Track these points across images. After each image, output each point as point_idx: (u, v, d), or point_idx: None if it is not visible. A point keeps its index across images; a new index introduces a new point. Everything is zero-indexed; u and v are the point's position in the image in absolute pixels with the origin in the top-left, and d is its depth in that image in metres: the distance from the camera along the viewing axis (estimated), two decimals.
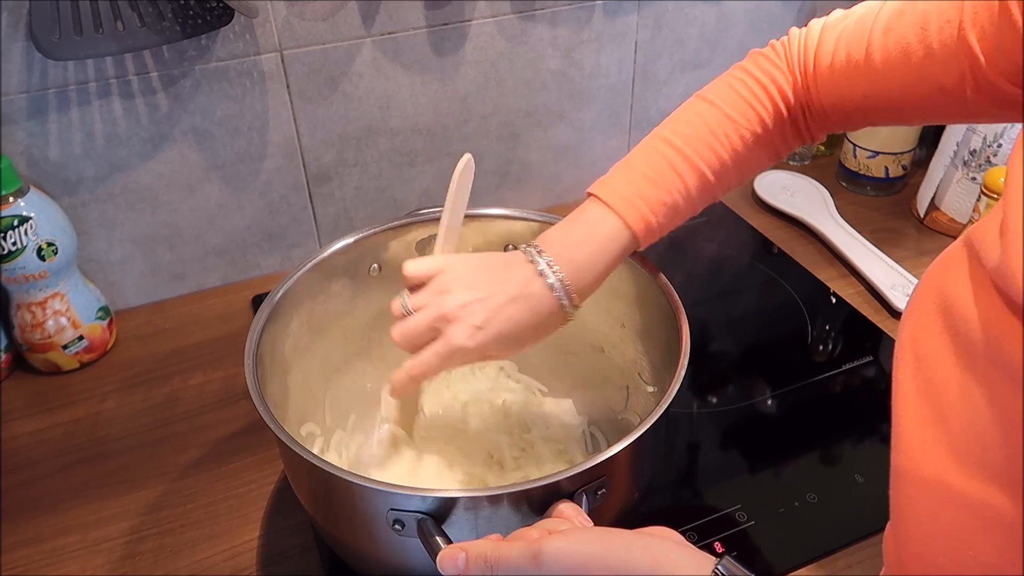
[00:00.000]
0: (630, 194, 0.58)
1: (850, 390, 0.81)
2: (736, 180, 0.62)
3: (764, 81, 0.60)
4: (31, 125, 0.80)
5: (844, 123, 0.61)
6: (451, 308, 0.56)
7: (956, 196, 1.01)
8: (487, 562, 0.41)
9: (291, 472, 0.59)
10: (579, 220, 0.59)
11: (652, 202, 0.58)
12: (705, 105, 0.61)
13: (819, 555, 0.64)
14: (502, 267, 0.58)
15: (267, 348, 0.60)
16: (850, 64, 0.57)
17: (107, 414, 0.80)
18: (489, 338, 0.56)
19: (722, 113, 0.60)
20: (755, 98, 0.60)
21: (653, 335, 0.67)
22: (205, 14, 0.77)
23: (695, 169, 0.59)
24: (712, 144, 0.59)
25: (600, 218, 0.58)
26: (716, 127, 0.59)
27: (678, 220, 0.60)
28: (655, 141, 0.61)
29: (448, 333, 0.56)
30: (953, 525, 0.38)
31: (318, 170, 0.94)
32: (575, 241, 0.58)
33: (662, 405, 0.52)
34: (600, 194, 0.59)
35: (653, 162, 0.59)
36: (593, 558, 0.39)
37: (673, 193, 0.59)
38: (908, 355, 0.43)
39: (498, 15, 0.92)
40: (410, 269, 0.59)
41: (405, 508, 0.48)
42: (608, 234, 0.58)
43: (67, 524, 0.69)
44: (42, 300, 0.81)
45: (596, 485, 0.49)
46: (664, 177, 0.59)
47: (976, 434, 0.37)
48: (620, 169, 0.60)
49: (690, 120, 0.60)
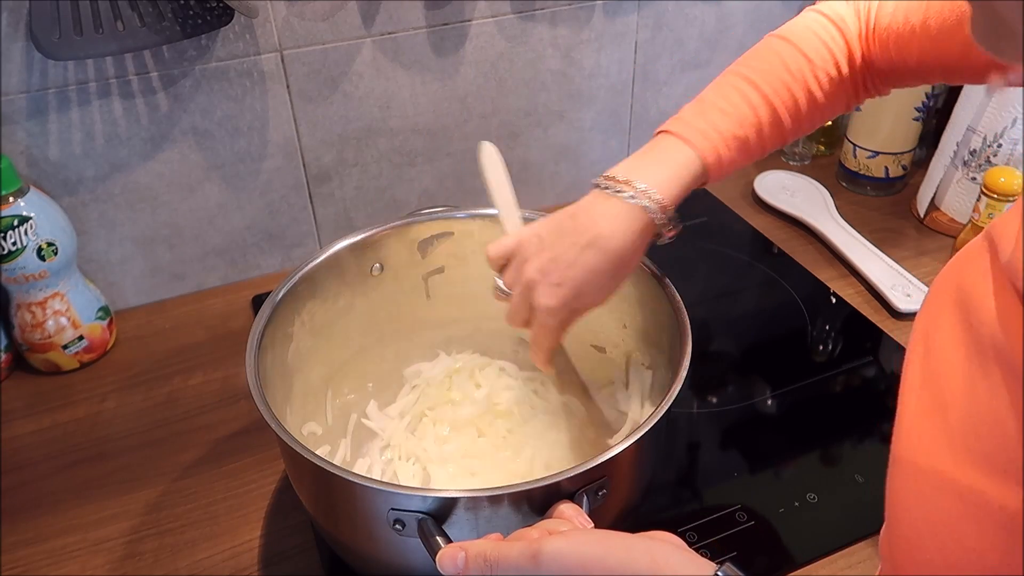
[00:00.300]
0: (703, 126, 0.58)
1: (850, 390, 0.81)
2: (808, 125, 0.61)
3: (840, 24, 0.60)
4: (31, 125, 0.80)
5: (902, 80, 0.61)
6: (530, 276, 0.58)
7: (956, 196, 1.01)
8: (486, 561, 0.41)
9: (292, 472, 0.59)
10: (650, 152, 0.59)
11: (725, 135, 0.58)
12: (781, 43, 0.60)
13: (819, 555, 0.64)
14: (570, 217, 0.58)
15: (268, 348, 0.60)
16: (907, 28, 0.57)
17: (107, 414, 0.80)
18: (570, 291, 0.57)
19: (800, 53, 0.59)
20: (832, 39, 0.60)
21: (655, 335, 0.67)
22: (205, 14, 0.77)
23: (770, 106, 0.58)
24: (788, 82, 0.59)
25: (671, 148, 0.58)
26: (792, 65, 0.59)
27: (747, 158, 0.60)
28: (729, 77, 0.60)
29: (535, 301, 0.58)
30: (942, 511, 0.38)
31: (318, 170, 0.94)
32: (648, 167, 0.57)
33: (664, 406, 0.52)
34: (672, 128, 0.59)
35: (727, 95, 0.59)
36: (592, 559, 0.39)
37: (747, 127, 0.58)
38: (919, 346, 0.44)
39: (498, 15, 0.92)
40: (492, 252, 0.61)
41: (406, 508, 0.48)
42: (679, 163, 0.57)
43: (67, 524, 0.69)
44: (42, 300, 0.81)
45: (597, 485, 0.49)
46: (739, 111, 0.58)
47: (973, 424, 0.37)
48: (693, 105, 0.60)
49: (766, 57, 0.60)
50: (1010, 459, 0.35)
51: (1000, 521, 0.35)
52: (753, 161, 0.61)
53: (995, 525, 0.36)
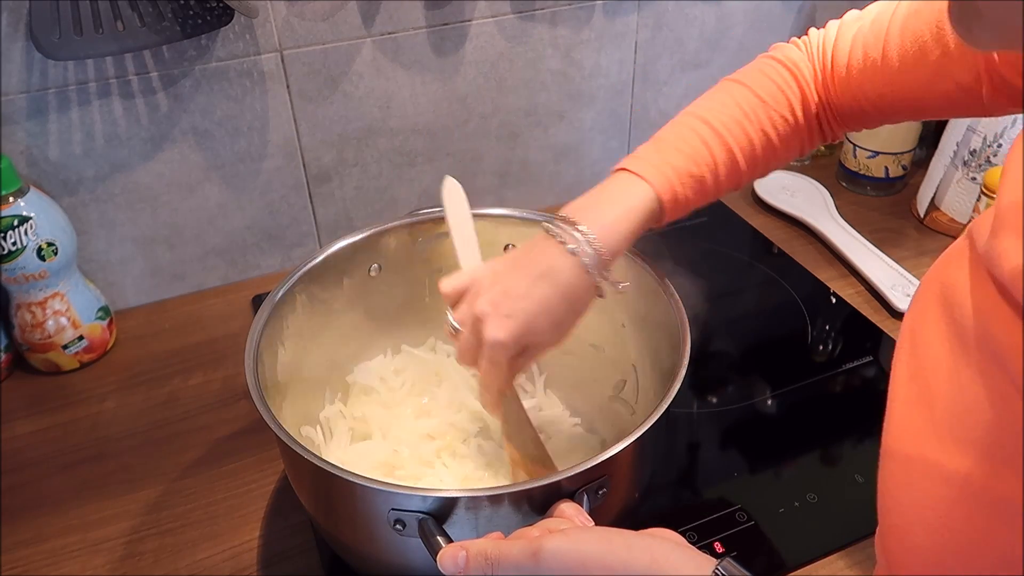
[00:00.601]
0: (659, 162, 0.58)
1: (850, 390, 0.81)
2: (763, 167, 0.62)
3: (792, 69, 0.60)
4: (31, 125, 0.80)
5: (863, 121, 0.62)
6: (481, 309, 0.55)
7: (956, 196, 1.01)
8: (487, 560, 0.41)
9: (292, 472, 0.59)
10: (605, 189, 0.58)
11: (680, 172, 0.57)
12: (736, 87, 0.60)
13: (819, 555, 0.64)
14: (524, 253, 0.58)
15: (267, 348, 0.60)
16: (867, 63, 0.57)
17: (107, 414, 0.80)
18: (520, 325, 0.55)
19: (754, 95, 0.59)
20: (785, 83, 0.60)
21: (653, 334, 0.67)
22: (205, 14, 0.77)
23: (725, 147, 0.58)
24: (743, 124, 0.59)
25: (626, 184, 0.58)
26: (748, 108, 0.59)
27: (702, 198, 0.59)
28: (685, 118, 0.60)
29: (484, 335, 0.55)
30: (929, 495, 0.39)
31: (318, 170, 0.94)
32: (599, 206, 0.57)
33: (663, 404, 0.52)
34: (628, 166, 0.58)
35: (683, 135, 0.59)
36: (593, 557, 0.39)
37: (702, 167, 0.58)
38: (906, 343, 0.45)
39: (498, 15, 0.92)
40: (445, 288, 0.59)
41: (406, 508, 0.48)
42: (634, 198, 0.57)
43: (67, 524, 0.69)
44: (42, 300, 0.81)
45: (597, 484, 0.49)
46: (695, 150, 0.58)
47: (957, 412, 0.38)
48: (649, 144, 0.60)
49: (722, 100, 0.60)
50: (992, 442, 0.36)
51: (984, 502, 0.36)
52: (708, 202, 0.60)
53: (980, 506, 0.37)
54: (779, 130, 0.60)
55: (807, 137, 0.62)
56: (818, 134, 0.63)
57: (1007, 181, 0.38)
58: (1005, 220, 0.36)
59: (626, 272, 0.66)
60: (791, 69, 0.60)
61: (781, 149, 0.61)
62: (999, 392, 0.36)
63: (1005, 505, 0.36)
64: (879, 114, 0.60)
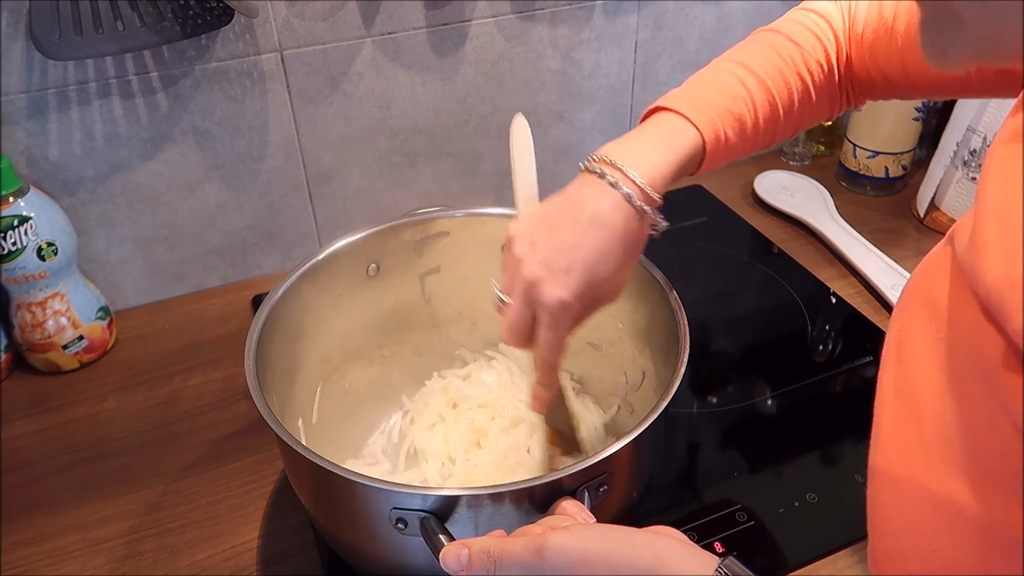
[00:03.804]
0: (698, 101, 0.54)
1: (850, 390, 0.81)
2: (795, 121, 0.59)
3: (826, 15, 0.59)
4: (31, 125, 0.80)
5: (872, 91, 0.61)
6: (532, 273, 0.50)
7: (956, 196, 1.01)
8: (490, 557, 0.41)
9: (292, 472, 0.59)
10: (642, 129, 0.55)
11: (720, 110, 0.55)
12: (771, 35, 0.59)
13: (819, 555, 0.64)
14: (565, 201, 0.53)
15: (267, 347, 0.60)
16: (876, 36, 0.57)
17: (107, 414, 0.80)
18: (581, 278, 0.50)
19: (790, 40, 0.58)
20: (820, 31, 0.59)
21: (652, 333, 0.67)
22: (205, 14, 0.77)
23: (764, 88, 0.56)
24: (780, 68, 0.57)
25: (665, 121, 0.54)
26: (784, 53, 0.57)
27: (743, 147, 0.56)
28: (720, 63, 0.58)
29: (541, 298, 0.50)
30: (920, 521, 0.38)
31: (318, 170, 0.94)
32: (640, 145, 0.54)
33: (663, 402, 0.52)
34: (664, 103, 0.55)
35: (720, 78, 0.56)
36: (596, 554, 0.39)
37: (741, 106, 0.55)
38: (892, 355, 0.44)
39: (498, 15, 0.92)
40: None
41: (408, 507, 0.48)
42: (675, 134, 0.53)
43: (67, 524, 0.69)
44: (42, 300, 0.81)
45: (598, 482, 0.50)
46: (733, 91, 0.55)
47: (946, 434, 0.37)
48: (684, 86, 0.57)
49: (757, 47, 0.58)
50: (984, 469, 0.35)
51: (978, 529, 0.35)
52: (744, 154, 0.58)
53: (970, 533, 0.35)
54: (815, 77, 0.58)
55: (838, 92, 0.60)
56: (846, 94, 0.61)
57: (986, 188, 0.36)
58: (983, 231, 0.35)
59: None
60: (824, 17, 0.59)
61: (816, 100, 0.59)
62: (986, 413, 0.35)
63: (1000, 534, 0.34)
64: (887, 87, 0.59)
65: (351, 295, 0.71)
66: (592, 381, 0.76)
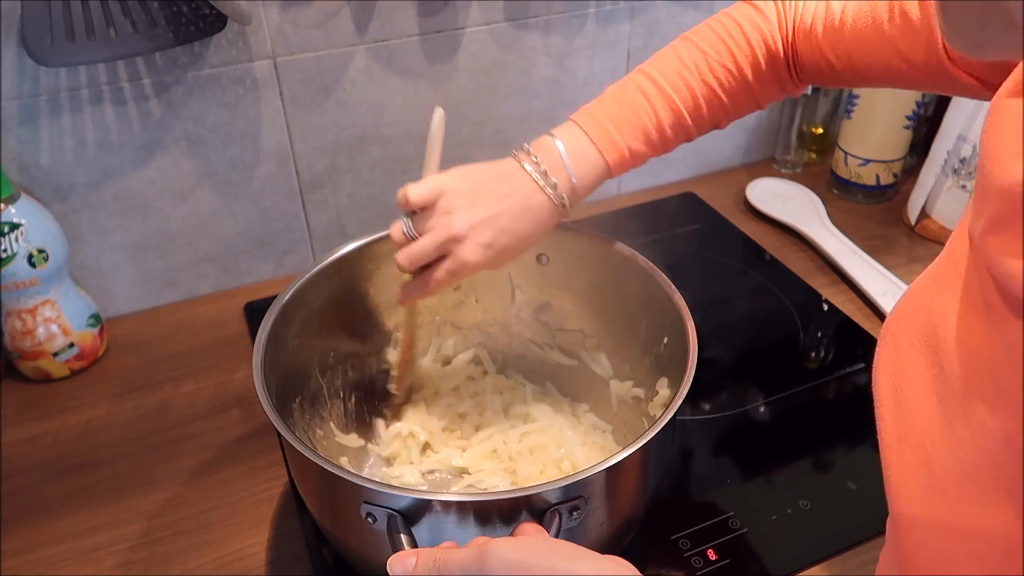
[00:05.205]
0: (602, 118, 0.61)
1: (842, 397, 0.81)
2: (709, 121, 0.64)
3: (743, 24, 0.62)
4: (23, 131, 0.79)
5: (822, 80, 0.63)
6: (459, 229, 0.58)
7: (947, 204, 1.01)
8: (436, 562, 0.42)
9: (298, 477, 0.59)
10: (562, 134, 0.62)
11: (620, 123, 0.60)
12: (681, 42, 0.63)
13: (812, 562, 0.64)
14: (499, 180, 0.60)
15: (272, 350, 0.60)
16: (825, 26, 0.59)
17: (98, 422, 0.80)
18: (496, 253, 0.59)
19: (696, 47, 0.62)
20: (730, 37, 0.62)
21: (656, 350, 0.67)
22: (198, 21, 0.77)
23: (666, 98, 0.61)
24: (683, 74, 0.61)
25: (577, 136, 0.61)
26: (687, 59, 0.61)
27: (653, 151, 0.62)
28: (630, 75, 0.63)
29: (458, 253, 0.59)
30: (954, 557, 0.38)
31: (311, 177, 0.94)
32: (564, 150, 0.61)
33: (650, 431, 0.51)
34: (575, 117, 0.62)
35: (625, 89, 0.62)
36: (538, 556, 0.40)
37: (642, 117, 0.61)
38: (889, 402, 0.44)
39: (491, 23, 0.93)
40: (413, 194, 0.60)
41: (378, 503, 0.48)
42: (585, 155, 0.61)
43: (57, 533, 0.68)
44: (32, 307, 0.81)
45: (571, 505, 0.49)
46: (635, 102, 0.61)
47: (963, 471, 0.37)
48: (595, 101, 0.63)
49: (664, 54, 0.63)
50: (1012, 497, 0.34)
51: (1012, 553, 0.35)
52: (662, 153, 0.63)
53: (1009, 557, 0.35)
54: (722, 82, 0.61)
55: (758, 88, 0.63)
56: (774, 87, 0.64)
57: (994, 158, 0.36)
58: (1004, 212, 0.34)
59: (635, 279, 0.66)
60: (740, 24, 0.62)
61: (728, 102, 0.63)
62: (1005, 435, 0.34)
63: None
64: (836, 76, 0.61)
65: (353, 295, 0.71)
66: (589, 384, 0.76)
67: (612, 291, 0.70)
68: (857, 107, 1.06)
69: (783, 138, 1.17)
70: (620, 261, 0.68)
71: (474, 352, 0.78)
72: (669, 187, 1.17)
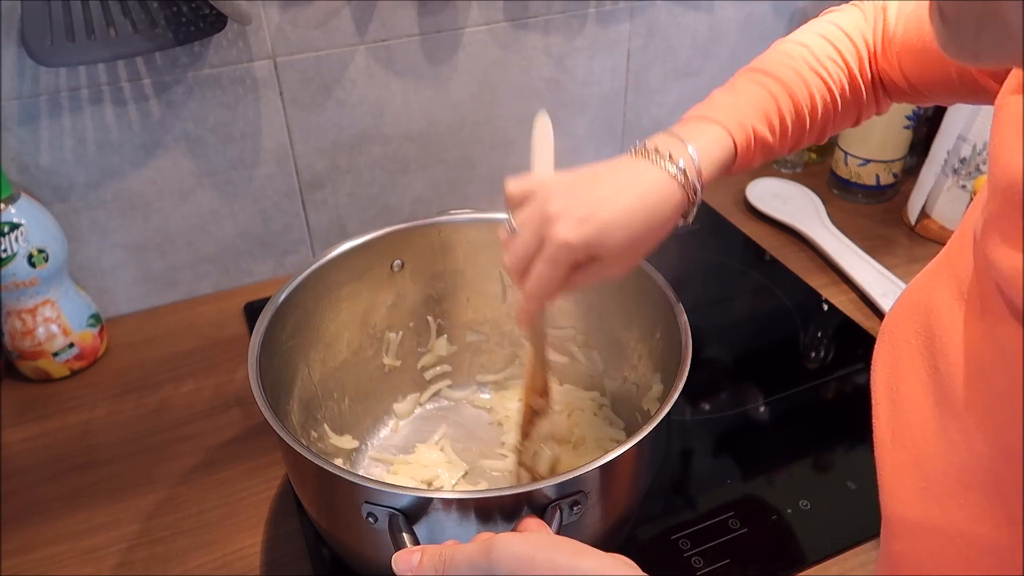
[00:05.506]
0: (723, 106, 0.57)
1: (842, 397, 0.81)
2: (819, 130, 0.60)
3: (850, 31, 0.60)
4: (23, 131, 0.79)
5: (903, 96, 0.61)
6: (553, 210, 0.51)
7: (947, 204, 1.01)
8: (441, 558, 0.42)
9: (295, 477, 0.59)
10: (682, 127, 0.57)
11: (746, 110, 0.56)
12: (793, 46, 0.60)
13: (812, 562, 0.64)
14: (607, 167, 0.54)
15: (267, 350, 0.60)
16: (903, 43, 0.57)
17: (98, 422, 0.80)
18: (595, 230, 0.50)
19: (799, 44, 0.59)
20: (841, 43, 0.59)
21: (649, 345, 0.67)
22: (198, 21, 0.77)
23: (789, 95, 0.57)
24: (805, 77, 0.58)
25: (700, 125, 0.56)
26: (794, 53, 0.58)
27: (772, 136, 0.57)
28: (746, 74, 0.59)
29: (551, 233, 0.50)
30: (945, 561, 0.38)
31: (311, 177, 0.94)
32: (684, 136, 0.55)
33: (650, 424, 0.51)
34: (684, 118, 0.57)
35: (746, 88, 0.58)
36: (542, 552, 0.40)
37: (766, 104, 0.57)
38: (884, 401, 0.43)
39: (491, 23, 0.93)
40: (511, 188, 0.55)
41: (379, 503, 0.48)
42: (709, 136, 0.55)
43: (57, 533, 0.68)
44: (32, 307, 0.81)
45: (572, 500, 0.49)
46: (755, 93, 0.57)
47: (955, 474, 0.37)
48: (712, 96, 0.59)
49: (779, 59, 0.59)
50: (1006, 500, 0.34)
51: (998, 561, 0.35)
52: (778, 149, 0.59)
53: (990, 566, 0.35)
54: (834, 78, 0.59)
55: (864, 100, 0.61)
56: (873, 101, 0.62)
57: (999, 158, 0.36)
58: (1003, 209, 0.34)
59: (636, 279, 0.66)
60: (845, 31, 0.60)
61: (841, 109, 0.60)
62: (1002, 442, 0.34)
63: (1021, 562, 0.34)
64: (914, 93, 0.60)
65: (354, 296, 0.71)
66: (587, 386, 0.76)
67: (603, 287, 0.70)
68: None
69: None
70: None
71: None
72: None
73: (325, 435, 0.69)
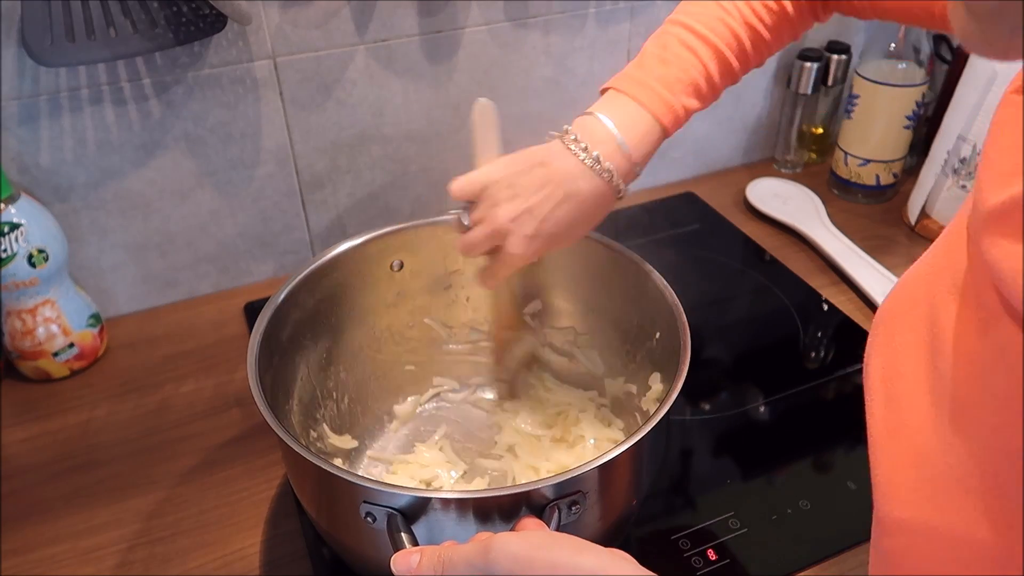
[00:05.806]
0: (645, 78, 0.60)
1: (842, 397, 0.81)
2: (755, 61, 0.63)
3: None
4: (23, 131, 0.79)
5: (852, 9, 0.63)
6: (502, 223, 0.59)
7: (947, 204, 1.01)
8: (440, 559, 0.42)
9: (295, 477, 0.59)
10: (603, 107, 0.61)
11: (670, 83, 0.59)
12: None
13: (812, 562, 0.64)
14: (540, 167, 0.60)
15: (267, 350, 0.60)
16: None
17: (98, 422, 0.80)
18: (542, 243, 0.60)
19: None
20: None
21: (648, 345, 0.67)
22: (198, 21, 0.77)
23: (713, 48, 0.60)
24: (724, 19, 0.60)
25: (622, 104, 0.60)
26: (728, 5, 0.60)
27: (703, 102, 0.61)
28: (668, 27, 0.62)
29: (506, 247, 0.60)
30: (940, 565, 0.38)
31: (311, 177, 0.94)
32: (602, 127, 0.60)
33: (646, 426, 0.51)
34: (616, 85, 0.61)
35: (667, 44, 0.61)
36: (541, 550, 0.40)
37: (692, 72, 0.59)
38: (879, 396, 0.43)
39: (491, 23, 0.93)
40: (456, 191, 0.62)
41: (377, 502, 0.48)
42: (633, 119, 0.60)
43: (57, 533, 0.68)
44: (32, 307, 0.81)
45: (570, 500, 0.49)
46: (682, 58, 0.60)
47: (954, 476, 0.36)
48: (635, 61, 0.62)
49: (702, 3, 0.61)
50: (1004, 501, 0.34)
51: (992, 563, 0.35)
52: (710, 103, 0.62)
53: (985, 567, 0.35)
54: (765, 21, 0.61)
55: (797, 20, 0.63)
56: (809, 14, 0.63)
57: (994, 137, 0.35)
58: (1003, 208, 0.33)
59: (624, 275, 0.66)
60: None
61: (772, 39, 0.62)
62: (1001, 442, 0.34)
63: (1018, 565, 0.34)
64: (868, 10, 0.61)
65: (354, 297, 0.71)
66: (585, 386, 0.76)
67: (602, 287, 0.70)
68: (857, 107, 1.06)
69: (783, 138, 1.17)
70: (609, 257, 0.68)
71: None
72: (669, 187, 1.17)
73: (324, 435, 0.69)
